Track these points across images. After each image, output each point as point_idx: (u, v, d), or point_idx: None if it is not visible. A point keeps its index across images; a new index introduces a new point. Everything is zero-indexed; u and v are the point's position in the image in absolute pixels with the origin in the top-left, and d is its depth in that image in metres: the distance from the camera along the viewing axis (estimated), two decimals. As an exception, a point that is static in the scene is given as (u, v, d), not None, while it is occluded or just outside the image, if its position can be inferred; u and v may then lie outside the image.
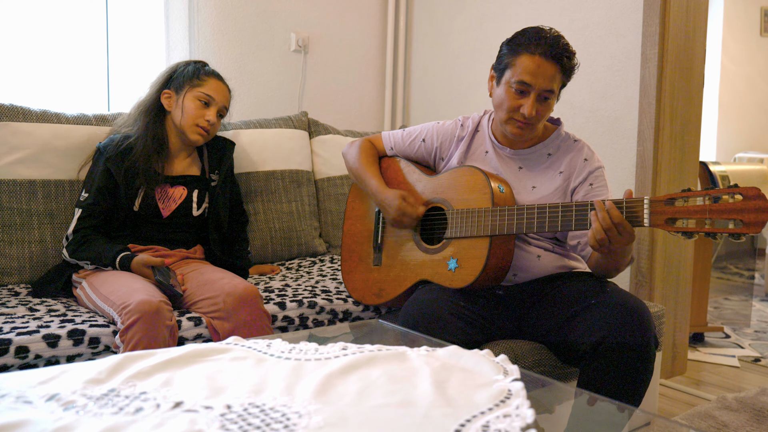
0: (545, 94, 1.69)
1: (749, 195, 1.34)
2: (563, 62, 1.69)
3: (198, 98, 2.04)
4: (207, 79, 2.07)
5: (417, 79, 3.46)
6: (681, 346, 2.67)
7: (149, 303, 1.63)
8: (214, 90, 2.07)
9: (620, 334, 1.54)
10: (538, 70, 1.66)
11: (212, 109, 2.06)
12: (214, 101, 2.06)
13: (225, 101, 2.11)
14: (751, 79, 5.49)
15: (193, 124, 2.04)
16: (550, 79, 1.67)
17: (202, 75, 2.07)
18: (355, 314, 2.03)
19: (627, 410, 1.26)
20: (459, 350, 1.15)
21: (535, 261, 1.78)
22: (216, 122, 2.08)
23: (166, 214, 2.04)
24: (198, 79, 2.06)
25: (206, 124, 2.04)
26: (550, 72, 1.67)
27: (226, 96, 2.12)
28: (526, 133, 1.76)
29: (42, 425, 0.84)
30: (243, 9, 2.92)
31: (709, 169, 3.23)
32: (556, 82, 1.70)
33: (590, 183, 1.77)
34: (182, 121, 2.04)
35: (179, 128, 2.05)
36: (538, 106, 1.70)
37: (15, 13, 2.45)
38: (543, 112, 1.72)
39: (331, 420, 0.86)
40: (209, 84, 2.07)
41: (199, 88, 2.05)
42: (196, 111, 2.03)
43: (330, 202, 2.79)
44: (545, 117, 1.75)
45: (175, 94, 2.06)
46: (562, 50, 1.69)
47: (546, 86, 1.68)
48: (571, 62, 1.72)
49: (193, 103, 2.04)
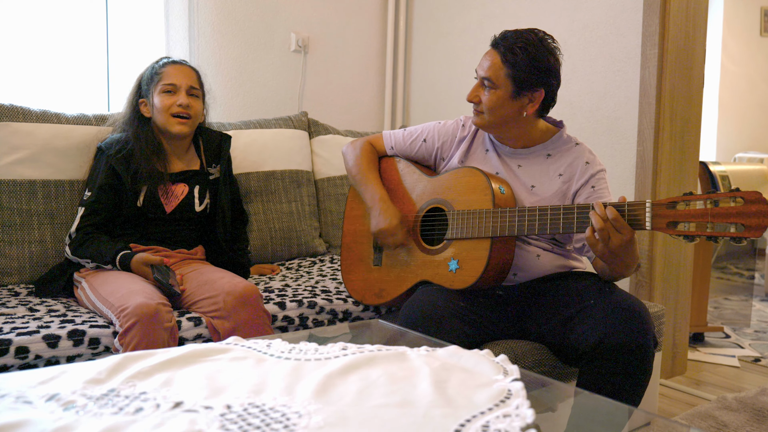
0: (484, 81, 1.76)
1: (750, 199, 1.35)
2: (500, 50, 1.73)
3: (162, 91, 2.01)
4: (164, 69, 2.04)
5: (417, 79, 3.46)
6: (681, 346, 2.67)
7: (147, 306, 1.63)
8: (173, 76, 2.03)
9: (620, 335, 1.54)
10: (483, 59, 1.78)
11: (180, 93, 2.02)
12: (178, 86, 2.02)
13: (190, 80, 2.06)
14: (751, 79, 5.49)
15: (168, 115, 2.01)
16: (486, 68, 1.75)
17: (158, 69, 2.05)
18: (355, 314, 2.03)
19: (627, 410, 1.26)
20: (459, 350, 1.15)
21: (534, 260, 1.78)
22: (192, 103, 2.04)
23: (169, 209, 2.04)
24: (156, 75, 2.04)
25: (179, 108, 2.01)
26: (488, 61, 1.76)
27: (189, 75, 2.07)
28: (478, 120, 1.80)
29: (42, 425, 0.84)
30: (243, 9, 2.92)
31: (709, 169, 3.23)
32: (494, 71, 1.73)
33: (592, 186, 1.77)
34: (158, 118, 2.03)
35: (162, 128, 2.04)
36: (480, 92, 1.77)
37: (15, 13, 2.45)
38: (485, 101, 1.76)
39: (331, 420, 0.86)
40: (167, 72, 2.03)
41: (160, 82, 2.02)
42: (166, 102, 2.01)
43: (330, 202, 2.79)
44: (491, 107, 1.75)
45: (147, 99, 2.06)
46: (504, 39, 1.74)
47: (482, 73, 1.76)
48: (511, 53, 1.71)
49: (161, 97, 2.01)
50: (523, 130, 1.81)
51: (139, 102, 2.07)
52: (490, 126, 1.80)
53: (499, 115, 1.76)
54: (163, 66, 2.05)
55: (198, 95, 2.08)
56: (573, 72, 2.63)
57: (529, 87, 1.73)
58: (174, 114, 2.01)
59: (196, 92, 2.07)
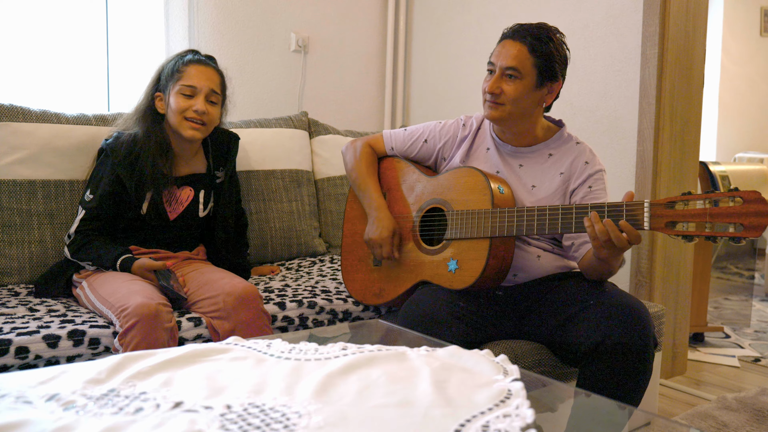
0: (508, 71, 1.72)
1: (749, 198, 1.34)
2: (527, 41, 1.72)
3: (180, 92, 1.92)
4: (186, 68, 1.93)
5: (417, 79, 3.46)
6: (681, 346, 2.67)
7: (147, 306, 1.63)
8: (195, 78, 1.93)
9: (620, 335, 1.54)
10: (502, 50, 1.74)
11: (198, 98, 1.93)
12: (198, 89, 1.93)
13: (212, 85, 1.95)
14: (751, 79, 5.49)
15: (182, 118, 1.92)
16: (512, 58, 1.72)
17: (181, 66, 1.94)
18: (355, 314, 2.03)
19: (627, 410, 1.26)
20: (459, 350, 1.15)
21: (534, 261, 1.78)
22: (209, 110, 1.94)
23: (173, 217, 2.01)
24: (178, 72, 1.93)
25: (194, 114, 1.92)
26: (512, 51, 1.72)
27: (213, 79, 1.96)
28: (498, 113, 1.75)
29: (42, 425, 0.84)
30: (243, 9, 2.92)
31: (709, 169, 3.23)
32: (520, 61, 1.71)
33: (589, 185, 1.78)
34: (172, 119, 1.95)
35: (174, 128, 1.96)
36: (502, 84, 1.73)
37: (15, 13, 2.45)
38: (509, 92, 1.72)
39: (331, 420, 0.86)
40: (189, 73, 1.93)
41: (179, 81, 1.92)
42: (182, 104, 1.92)
43: (330, 202, 2.79)
44: (515, 97, 1.73)
45: (163, 94, 1.97)
46: (527, 30, 1.73)
47: (506, 63, 1.72)
48: (541, 42, 1.72)
49: (177, 98, 1.92)
50: (530, 126, 1.81)
51: (155, 95, 1.98)
52: (508, 118, 1.76)
53: (522, 107, 1.75)
54: (187, 64, 1.94)
55: (217, 101, 1.98)
56: (573, 72, 2.62)
57: (550, 77, 1.75)
58: (188, 117, 1.93)
59: (216, 98, 1.98)
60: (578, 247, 1.73)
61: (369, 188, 1.96)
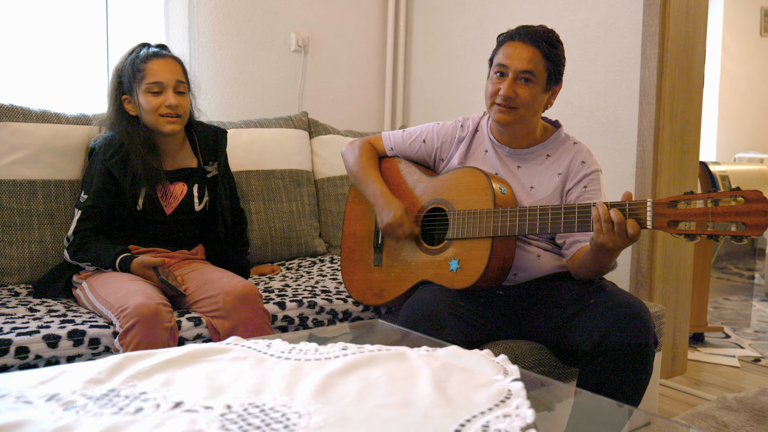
0: (523, 75, 1.71)
1: (751, 198, 1.35)
2: (541, 46, 1.71)
3: (148, 91, 1.91)
4: (146, 65, 1.92)
5: (417, 79, 3.46)
6: (681, 346, 2.67)
7: (147, 306, 1.63)
8: (159, 73, 1.91)
9: (620, 334, 1.55)
10: (514, 52, 1.72)
11: (167, 93, 1.92)
12: (164, 84, 1.92)
13: (176, 76, 1.94)
14: (751, 79, 5.48)
15: (157, 116, 1.92)
16: (527, 61, 1.70)
17: (140, 65, 1.92)
18: (355, 314, 2.03)
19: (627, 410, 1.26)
20: (459, 350, 1.15)
21: (535, 261, 1.78)
22: (180, 102, 1.94)
23: (169, 211, 2.01)
24: (139, 72, 1.92)
25: (167, 110, 1.92)
26: (526, 54, 1.71)
27: (175, 70, 1.95)
28: (510, 117, 1.74)
29: (42, 425, 0.84)
30: (243, 9, 2.92)
31: (709, 169, 3.23)
32: (535, 64, 1.71)
33: (584, 185, 1.78)
34: (147, 119, 1.94)
35: (152, 127, 1.96)
36: (516, 87, 1.72)
37: (15, 13, 2.45)
38: (524, 95, 1.72)
39: (331, 420, 0.86)
40: (151, 69, 1.92)
41: (144, 80, 1.91)
42: (154, 103, 1.91)
43: (330, 202, 2.79)
44: (529, 101, 1.73)
45: (130, 96, 1.95)
46: (540, 34, 1.72)
47: (522, 67, 1.71)
48: (553, 47, 1.73)
49: (146, 97, 1.91)
50: (532, 127, 1.82)
51: (122, 99, 1.97)
52: (519, 121, 1.76)
53: (534, 110, 1.77)
54: (145, 60, 1.93)
55: (184, 90, 1.98)
56: (573, 72, 2.63)
57: (556, 81, 1.77)
58: (162, 114, 1.93)
59: (183, 87, 1.97)
60: (570, 245, 1.73)
61: (371, 178, 1.95)
